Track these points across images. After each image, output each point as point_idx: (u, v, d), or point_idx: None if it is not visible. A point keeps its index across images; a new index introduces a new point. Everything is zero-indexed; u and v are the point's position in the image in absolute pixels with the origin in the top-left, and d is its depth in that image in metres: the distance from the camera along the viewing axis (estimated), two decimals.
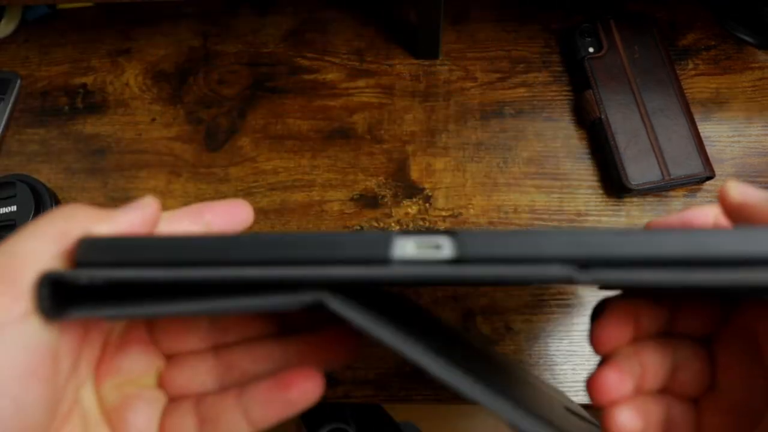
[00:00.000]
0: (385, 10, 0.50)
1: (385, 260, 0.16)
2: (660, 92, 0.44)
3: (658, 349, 0.23)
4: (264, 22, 0.50)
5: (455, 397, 0.42)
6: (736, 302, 0.23)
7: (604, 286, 0.16)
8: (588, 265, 0.16)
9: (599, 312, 0.23)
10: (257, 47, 0.49)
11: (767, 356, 0.21)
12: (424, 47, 0.47)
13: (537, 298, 0.43)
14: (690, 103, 0.45)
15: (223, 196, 0.45)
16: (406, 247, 0.17)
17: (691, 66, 0.46)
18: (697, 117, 0.44)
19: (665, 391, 0.23)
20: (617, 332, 0.23)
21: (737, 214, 0.21)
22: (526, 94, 0.47)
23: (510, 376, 0.26)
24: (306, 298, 0.17)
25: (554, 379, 0.41)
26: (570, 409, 0.31)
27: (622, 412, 0.22)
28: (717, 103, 0.45)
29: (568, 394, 0.41)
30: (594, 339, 0.23)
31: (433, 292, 0.43)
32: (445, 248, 0.16)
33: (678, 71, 0.46)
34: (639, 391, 0.23)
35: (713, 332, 0.23)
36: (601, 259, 0.15)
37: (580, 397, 0.41)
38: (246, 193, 0.45)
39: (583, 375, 0.41)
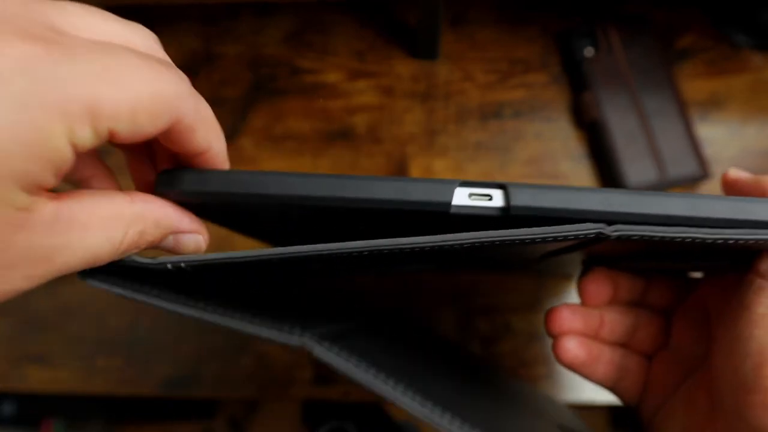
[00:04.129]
0: (385, 12, 0.50)
1: (447, 205, 0.19)
2: (657, 94, 0.45)
3: (621, 311, 0.29)
4: (264, 23, 0.51)
5: None
6: (695, 282, 0.28)
7: (620, 238, 0.19)
8: (613, 221, 0.19)
9: (585, 273, 0.29)
10: (258, 48, 0.50)
11: (713, 325, 0.26)
12: (423, 48, 0.48)
13: (536, 298, 0.43)
14: (686, 104, 0.45)
15: None
16: (463, 196, 0.19)
17: (687, 68, 0.47)
18: (693, 118, 0.45)
19: (625, 345, 0.29)
20: (598, 288, 0.29)
21: (731, 188, 0.26)
22: (525, 95, 0.47)
23: (502, 407, 0.28)
24: (293, 341, 0.19)
25: (553, 378, 0.41)
26: (564, 427, 0.31)
27: (569, 340, 0.28)
28: (713, 104, 0.46)
29: (566, 392, 0.41)
30: (580, 291, 0.29)
31: (434, 292, 0.44)
32: (496, 199, 0.19)
33: (675, 73, 0.46)
34: (596, 338, 0.29)
35: (675, 305, 0.29)
36: (624, 215, 0.19)
37: (579, 395, 0.41)
38: None
39: None
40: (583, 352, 0.28)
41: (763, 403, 0.20)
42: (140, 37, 0.19)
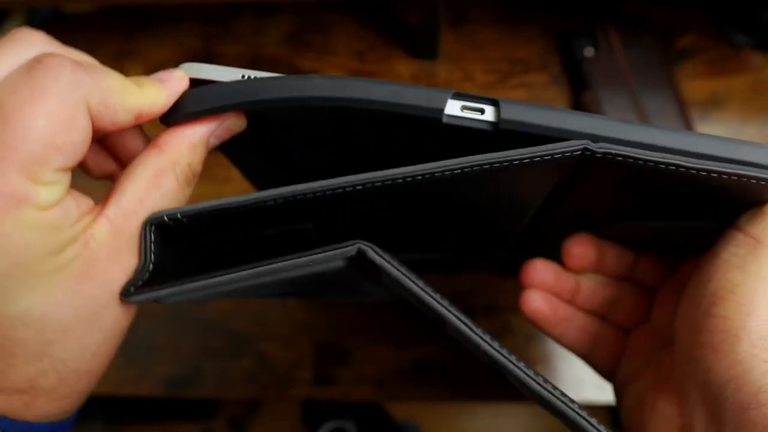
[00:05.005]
0: (385, 12, 0.50)
1: (439, 112, 0.19)
2: (657, 94, 0.45)
3: (602, 281, 0.30)
4: (264, 23, 0.51)
5: (455, 396, 0.42)
6: (682, 260, 0.28)
7: (605, 156, 0.19)
8: (599, 141, 0.19)
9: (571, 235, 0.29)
10: (258, 48, 0.50)
11: None
12: (423, 48, 0.48)
13: None
14: (686, 104, 0.45)
15: (225, 197, 0.45)
16: (456, 107, 0.19)
17: (687, 68, 0.47)
18: (693, 118, 0.45)
19: (603, 316, 0.30)
20: (582, 250, 0.29)
21: None
22: (525, 95, 0.47)
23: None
24: (350, 250, 0.19)
25: (552, 377, 0.41)
26: None
27: (533, 293, 0.29)
28: (713, 104, 0.46)
29: (566, 391, 0.41)
30: (563, 252, 0.29)
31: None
32: (488, 113, 0.19)
33: (675, 73, 0.46)
34: (571, 302, 0.30)
35: (661, 282, 0.29)
36: (611, 140, 0.19)
37: (579, 394, 0.41)
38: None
39: (581, 373, 0.41)
40: (545, 307, 0.29)
41: (710, 344, 0.20)
42: (13, 55, 0.18)
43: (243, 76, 0.20)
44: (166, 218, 0.20)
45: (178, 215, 0.20)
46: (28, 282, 0.18)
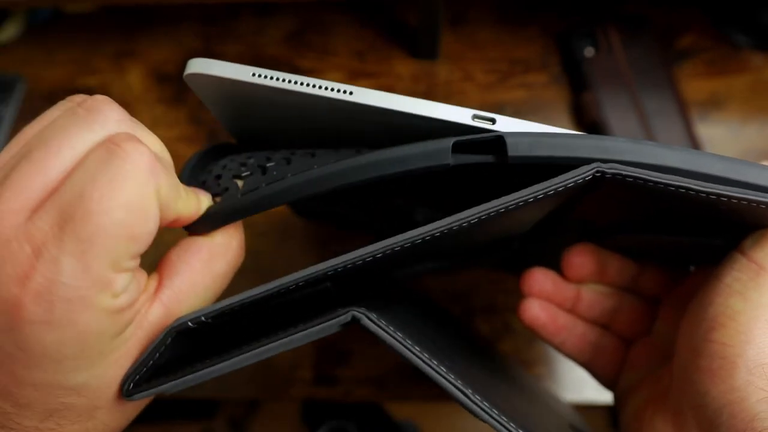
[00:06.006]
0: (385, 12, 0.50)
1: (445, 164, 0.19)
2: (657, 94, 0.45)
3: (604, 292, 0.30)
4: (265, 23, 0.51)
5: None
6: (687, 272, 0.28)
7: (615, 176, 0.19)
8: (608, 162, 0.19)
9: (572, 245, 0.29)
10: (258, 48, 0.50)
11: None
12: (423, 48, 0.48)
13: None
14: (686, 104, 0.45)
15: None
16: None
17: (687, 68, 0.47)
18: (693, 118, 0.45)
19: (605, 326, 0.30)
20: (581, 261, 0.29)
21: None
22: (525, 95, 0.47)
23: (512, 388, 0.28)
24: (344, 318, 0.19)
25: (552, 377, 0.41)
26: (575, 428, 0.31)
27: (533, 301, 0.29)
28: (713, 104, 0.46)
29: (567, 392, 0.41)
30: (563, 263, 0.29)
31: (434, 292, 0.44)
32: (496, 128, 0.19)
33: (675, 73, 0.46)
34: (571, 311, 0.30)
35: (665, 294, 0.29)
36: (619, 161, 0.19)
37: (579, 394, 0.41)
38: None
39: (581, 374, 0.41)
40: (544, 315, 0.29)
41: (709, 368, 0.20)
42: (90, 130, 0.19)
43: (254, 75, 0.20)
44: (190, 323, 0.19)
45: (202, 318, 0.20)
46: (90, 360, 0.19)
